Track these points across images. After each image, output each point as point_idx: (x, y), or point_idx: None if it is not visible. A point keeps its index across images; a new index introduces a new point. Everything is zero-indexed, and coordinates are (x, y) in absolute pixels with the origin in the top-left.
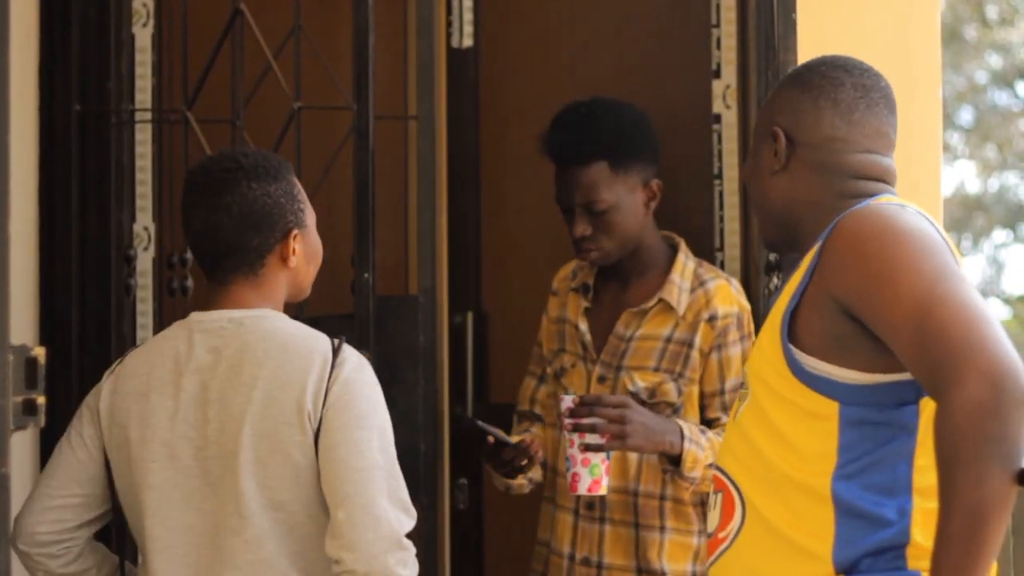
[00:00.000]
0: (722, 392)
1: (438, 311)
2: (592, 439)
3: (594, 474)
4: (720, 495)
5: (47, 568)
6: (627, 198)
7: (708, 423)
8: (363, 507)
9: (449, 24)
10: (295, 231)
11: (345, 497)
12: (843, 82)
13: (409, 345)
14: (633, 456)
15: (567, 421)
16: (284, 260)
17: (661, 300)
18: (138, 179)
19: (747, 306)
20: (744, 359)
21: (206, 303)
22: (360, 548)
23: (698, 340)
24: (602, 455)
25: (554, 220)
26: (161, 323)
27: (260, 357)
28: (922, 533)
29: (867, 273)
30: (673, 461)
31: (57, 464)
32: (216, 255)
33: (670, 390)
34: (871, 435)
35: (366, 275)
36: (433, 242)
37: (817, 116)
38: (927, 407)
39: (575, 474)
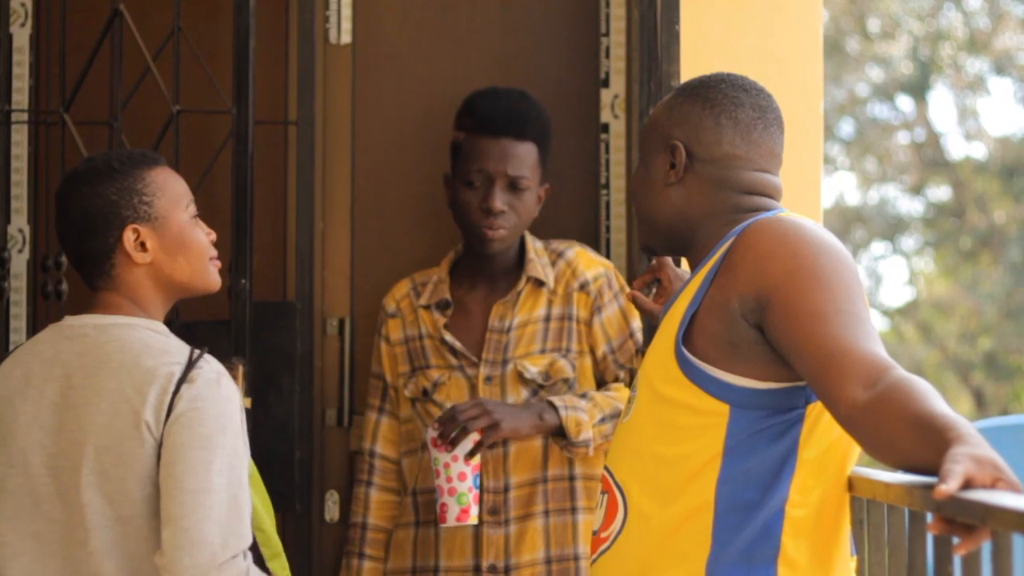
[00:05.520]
0: (612, 351)
1: (315, 317)
2: (466, 447)
3: (461, 503)
4: (606, 496)
5: None
6: (537, 189)
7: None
8: (186, 530)
9: (327, 19)
10: (132, 225)
11: (171, 517)
12: (743, 102)
13: (286, 352)
14: (538, 443)
15: (440, 443)
16: (130, 257)
17: (529, 279)
18: (13, 180)
19: (610, 263)
20: (623, 314)
21: (82, 308)
22: (176, 571)
23: (576, 311)
24: (469, 484)
25: (430, 222)
26: (35, 327)
27: (114, 368)
28: (792, 543)
29: (791, 266)
30: (559, 436)
31: None
32: (75, 264)
33: (563, 367)
34: (756, 441)
35: (243, 281)
36: (311, 248)
37: (718, 133)
38: (814, 424)
39: (443, 504)
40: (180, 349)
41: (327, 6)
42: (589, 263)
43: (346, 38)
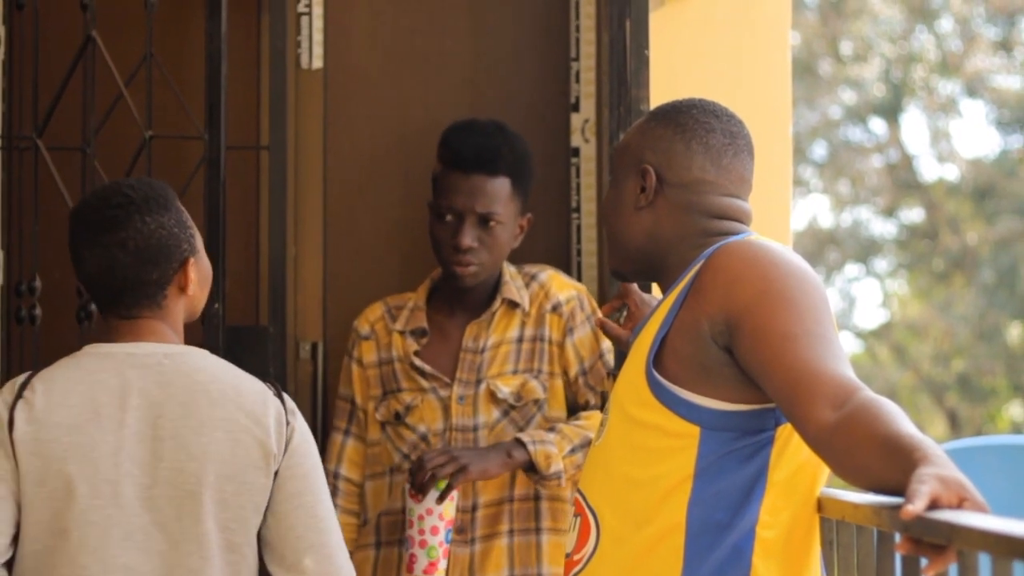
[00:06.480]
0: (584, 373)
1: (288, 342)
2: (434, 495)
3: (431, 556)
4: (579, 519)
5: None
6: (512, 222)
7: (583, 407)
8: (329, 557)
9: (298, 44)
10: (191, 259)
11: (311, 545)
12: (714, 128)
13: (258, 376)
14: None
15: (413, 492)
16: (183, 289)
17: (504, 300)
18: None
19: (583, 286)
20: (594, 336)
21: (109, 335)
22: None
23: (548, 332)
24: (440, 538)
25: (403, 246)
26: (9, 352)
27: (215, 397)
28: (763, 564)
29: (759, 288)
30: (530, 470)
31: None
32: (115, 292)
33: (535, 387)
34: (726, 462)
35: (216, 305)
36: (283, 273)
37: (689, 158)
38: (784, 446)
39: (412, 555)
40: (253, 377)
41: (298, 31)
42: (562, 286)
43: (317, 63)
